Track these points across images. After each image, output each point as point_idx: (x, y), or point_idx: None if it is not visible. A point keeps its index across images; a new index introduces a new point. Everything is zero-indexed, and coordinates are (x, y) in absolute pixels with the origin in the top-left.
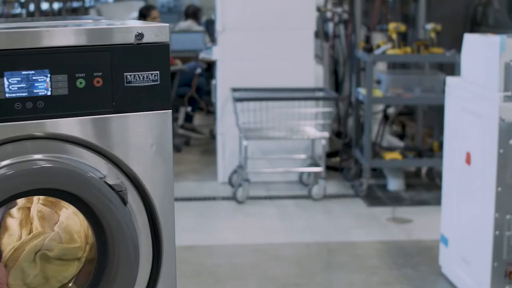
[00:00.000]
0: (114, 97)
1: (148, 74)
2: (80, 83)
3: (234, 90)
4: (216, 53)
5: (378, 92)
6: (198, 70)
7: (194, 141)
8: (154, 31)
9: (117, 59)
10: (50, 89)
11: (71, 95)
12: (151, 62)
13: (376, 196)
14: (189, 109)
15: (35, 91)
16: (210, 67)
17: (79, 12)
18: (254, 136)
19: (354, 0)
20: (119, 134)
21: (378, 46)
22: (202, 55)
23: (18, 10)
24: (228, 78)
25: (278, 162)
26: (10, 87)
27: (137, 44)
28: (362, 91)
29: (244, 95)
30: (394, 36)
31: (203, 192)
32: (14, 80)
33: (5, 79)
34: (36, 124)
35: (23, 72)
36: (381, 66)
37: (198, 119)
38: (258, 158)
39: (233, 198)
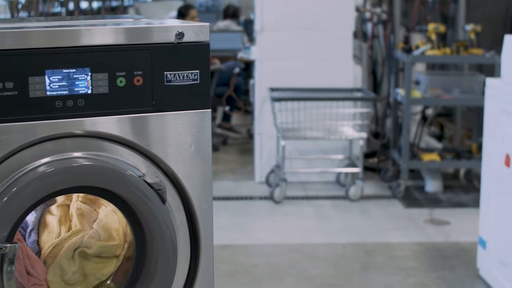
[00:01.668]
0: (154, 96)
1: (188, 73)
2: (121, 81)
3: (272, 89)
4: (254, 53)
5: (416, 93)
6: (237, 70)
7: (231, 140)
8: (195, 31)
9: (157, 58)
10: (90, 87)
11: (112, 94)
12: (191, 61)
13: (414, 197)
14: (227, 108)
15: (75, 89)
16: (248, 67)
17: (118, 11)
18: (291, 136)
19: (393, 0)
20: (158, 133)
21: (417, 47)
22: (241, 55)
23: (57, 9)
24: (266, 77)
25: (316, 162)
26: (51, 85)
27: (177, 43)
28: (401, 91)
29: (282, 95)
30: (433, 36)
31: (240, 191)
32: (55, 78)
33: (46, 77)
34: (76, 122)
35: (64, 71)
36: (419, 67)
37: (236, 119)
38: (296, 158)
39: (270, 198)
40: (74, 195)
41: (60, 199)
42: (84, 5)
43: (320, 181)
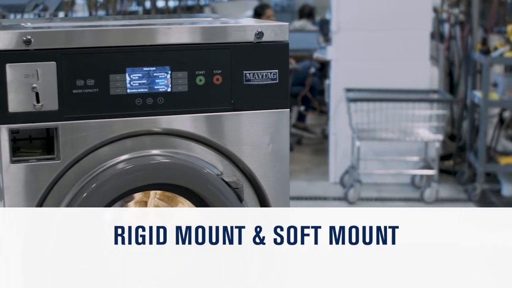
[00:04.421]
0: (233, 94)
1: (267, 72)
2: (200, 80)
3: (348, 90)
4: (330, 53)
5: (494, 95)
6: (312, 70)
7: (306, 140)
8: (274, 30)
9: (237, 57)
10: (170, 85)
11: (191, 92)
12: (270, 60)
13: (490, 201)
14: (302, 108)
15: (155, 87)
16: (324, 67)
17: (194, 10)
18: (367, 137)
19: (471, 1)
20: (236, 132)
21: (495, 48)
22: (316, 55)
23: (135, 7)
24: (342, 78)
25: (390, 163)
26: (131, 83)
27: (257, 42)
28: (478, 93)
29: (358, 96)
30: None
31: (314, 191)
32: (135, 76)
33: (127, 75)
34: (155, 119)
35: (145, 69)
36: (497, 69)
37: (311, 119)
38: (370, 159)
39: (344, 198)
40: (152, 192)
41: (138, 196)
42: (160, 4)
43: (394, 182)
